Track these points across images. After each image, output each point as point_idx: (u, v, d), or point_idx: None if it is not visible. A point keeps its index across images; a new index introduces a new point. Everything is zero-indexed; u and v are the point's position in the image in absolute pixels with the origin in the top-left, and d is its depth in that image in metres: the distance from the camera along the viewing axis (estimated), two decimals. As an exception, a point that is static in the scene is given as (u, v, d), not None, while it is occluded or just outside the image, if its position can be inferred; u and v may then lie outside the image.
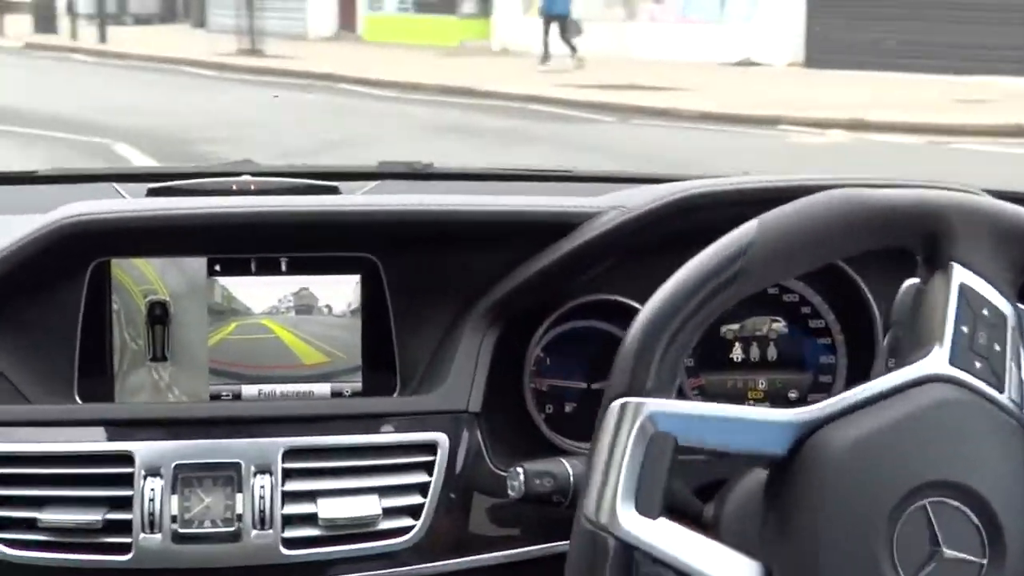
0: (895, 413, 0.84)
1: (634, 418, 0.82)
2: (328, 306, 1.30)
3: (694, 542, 0.83)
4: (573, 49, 15.77)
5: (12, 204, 1.52)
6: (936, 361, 0.87)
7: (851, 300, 1.34)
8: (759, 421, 0.85)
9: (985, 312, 0.90)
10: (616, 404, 0.83)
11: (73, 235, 1.23)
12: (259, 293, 1.30)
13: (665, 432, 0.84)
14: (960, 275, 0.89)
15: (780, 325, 1.36)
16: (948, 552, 0.80)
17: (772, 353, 1.37)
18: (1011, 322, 0.91)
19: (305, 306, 1.29)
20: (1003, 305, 0.89)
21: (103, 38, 20.82)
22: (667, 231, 0.93)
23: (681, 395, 1.32)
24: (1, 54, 18.81)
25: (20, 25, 22.35)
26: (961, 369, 0.86)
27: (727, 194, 1.20)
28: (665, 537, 0.82)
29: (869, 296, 1.31)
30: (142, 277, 1.27)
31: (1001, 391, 0.88)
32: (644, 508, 0.81)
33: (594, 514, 0.82)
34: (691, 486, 1.06)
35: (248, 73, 15.39)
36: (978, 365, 0.88)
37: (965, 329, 0.88)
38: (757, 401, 1.36)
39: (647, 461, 0.81)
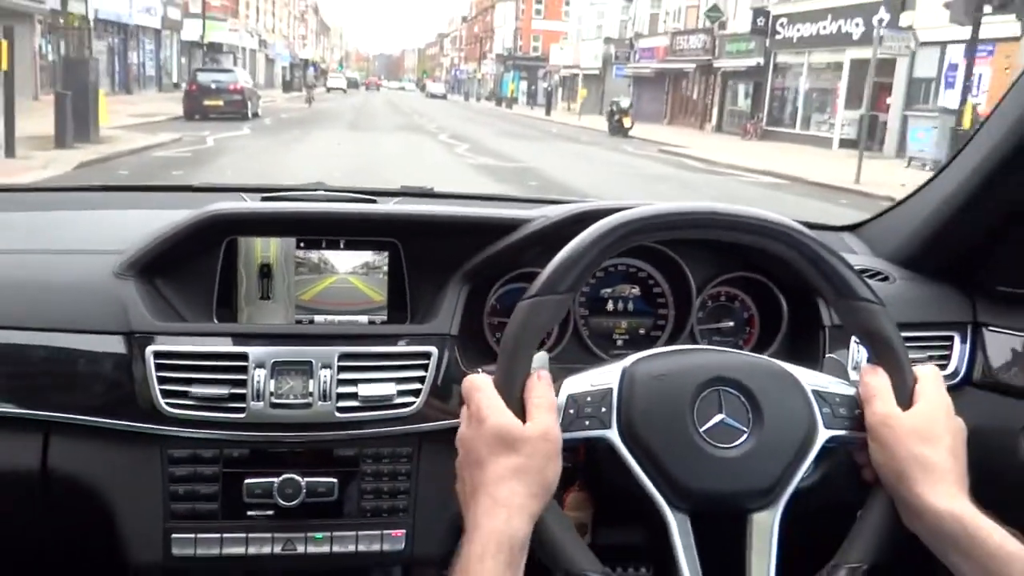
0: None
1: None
2: (368, 269, 1.50)
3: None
4: None
5: (177, 204, 1.73)
6: None
7: (679, 276, 1.58)
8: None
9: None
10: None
11: (216, 222, 1.46)
12: (327, 260, 1.50)
13: None
14: None
15: (635, 290, 1.61)
16: (727, 418, 0.99)
17: (631, 306, 1.61)
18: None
19: (355, 268, 1.50)
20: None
21: None
22: (570, 231, 1.07)
23: (573, 324, 1.58)
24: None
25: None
26: None
27: (598, 211, 1.28)
28: None
29: (689, 274, 1.58)
30: (257, 248, 1.48)
31: None
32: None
33: None
34: None
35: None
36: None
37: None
38: (620, 335, 1.60)
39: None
